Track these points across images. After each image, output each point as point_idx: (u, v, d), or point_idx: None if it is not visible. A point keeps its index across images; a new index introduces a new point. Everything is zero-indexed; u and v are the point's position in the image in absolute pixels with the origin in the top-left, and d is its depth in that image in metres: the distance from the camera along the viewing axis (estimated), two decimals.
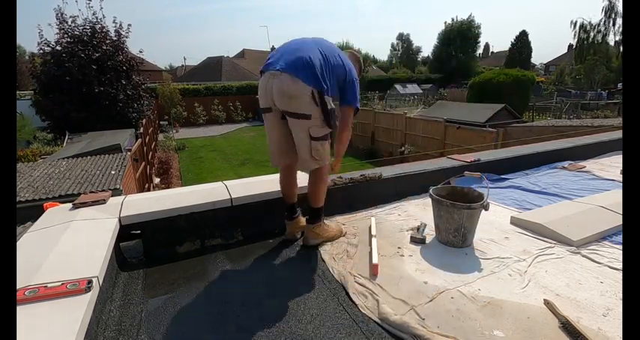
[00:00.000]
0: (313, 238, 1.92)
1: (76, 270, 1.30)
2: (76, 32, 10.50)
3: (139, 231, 1.88)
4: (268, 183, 2.18)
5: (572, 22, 27.50)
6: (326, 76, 1.65)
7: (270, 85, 1.65)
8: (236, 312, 1.41)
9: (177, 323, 1.35)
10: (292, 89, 1.60)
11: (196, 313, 1.41)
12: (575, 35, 27.80)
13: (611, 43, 27.25)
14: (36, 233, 1.65)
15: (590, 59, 25.47)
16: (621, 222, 1.80)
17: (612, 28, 26.02)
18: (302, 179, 2.03)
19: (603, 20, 26.43)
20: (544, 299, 1.40)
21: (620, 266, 1.62)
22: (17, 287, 1.16)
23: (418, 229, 2.03)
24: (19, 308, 1.07)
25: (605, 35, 26.60)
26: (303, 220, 2.01)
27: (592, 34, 27.04)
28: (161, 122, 18.86)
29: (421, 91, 28.28)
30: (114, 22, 11.28)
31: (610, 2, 25.80)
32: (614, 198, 2.25)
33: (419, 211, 2.34)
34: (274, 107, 1.71)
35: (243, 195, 2.04)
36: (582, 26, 27.25)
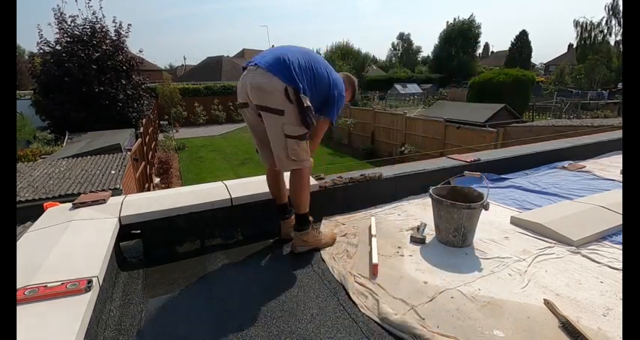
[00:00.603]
0: (301, 245, 1.86)
1: (75, 270, 1.30)
2: (75, 32, 10.50)
3: (138, 231, 1.88)
4: None
5: (575, 21, 27.50)
6: (303, 78, 1.65)
7: (245, 79, 1.68)
8: (236, 312, 1.41)
9: (177, 323, 1.35)
10: (264, 83, 1.61)
11: (196, 313, 1.41)
12: (577, 35, 27.82)
13: (612, 43, 27.25)
14: (36, 233, 1.65)
15: (591, 59, 25.47)
16: (621, 222, 1.81)
17: (615, 27, 25.99)
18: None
19: (605, 19, 26.42)
20: (544, 299, 1.40)
21: (619, 266, 1.63)
22: (17, 287, 1.16)
23: (418, 229, 2.03)
24: (19, 308, 1.07)
25: (606, 35, 26.61)
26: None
27: (594, 34, 27.05)
28: (161, 122, 18.87)
29: (421, 91, 28.28)
30: (114, 21, 11.30)
31: (614, 0, 25.76)
32: (614, 197, 2.25)
33: (419, 211, 2.34)
34: (250, 103, 1.71)
35: (243, 195, 2.04)
36: (584, 26, 27.25)
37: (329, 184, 2.31)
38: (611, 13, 26.06)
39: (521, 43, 43.20)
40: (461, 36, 39.47)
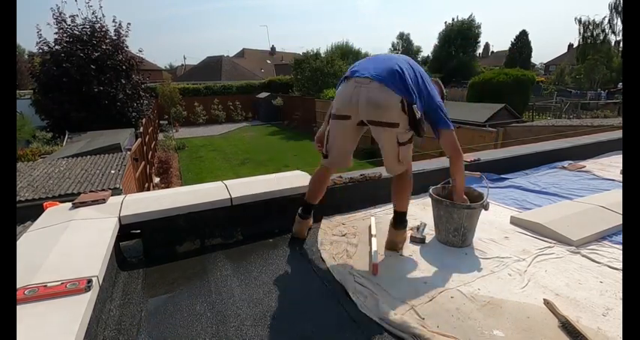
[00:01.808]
0: (401, 242, 1.87)
1: (75, 270, 1.30)
2: (75, 32, 10.49)
3: (138, 231, 1.88)
4: (268, 183, 2.18)
5: (576, 19, 27.39)
6: (414, 89, 1.61)
7: (357, 93, 1.60)
8: (235, 312, 1.41)
9: (177, 323, 1.35)
10: (383, 98, 1.56)
11: (196, 312, 1.41)
12: (579, 33, 27.70)
13: (613, 43, 27.19)
14: (35, 232, 1.64)
15: (591, 59, 25.45)
16: (621, 222, 1.81)
17: (618, 26, 25.87)
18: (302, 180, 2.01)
19: (608, 18, 26.32)
20: (544, 299, 1.40)
21: (619, 265, 1.63)
22: (17, 287, 1.16)
23: (418, 229, 2.03)
24: (18, 308, 1.07)
25: (608, 34, 26.53)
26: (311, 221, 2.07)
27: (595, 33, 26.97)
28: (161, 121, 18.86)
29: None
30: (114, 21, 11.30)
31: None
32: (614, 197, 2.25)
33: (419, 211, 2.34)
34: (355, 116, 1.67)
35: (243, 195, 2.04)
36: (586, 24, 27.15)
37: (329, 184, 2.30)
38: (614, 11, 25.96)
39: (521, 42, 43.12)
40: (460, 36, 39.42)
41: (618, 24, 25.91)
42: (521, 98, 16.91)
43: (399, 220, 1.85)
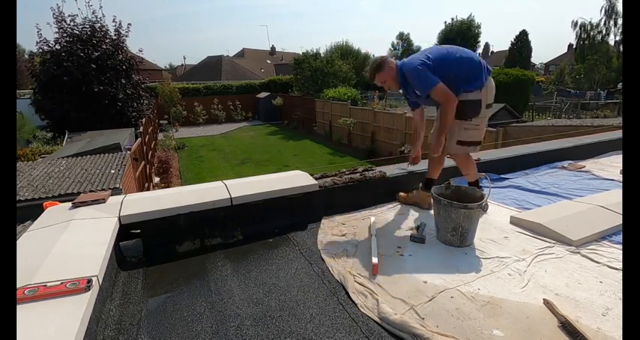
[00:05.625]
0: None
1: (75, 269, 1.30)
2: (75, 31, 10.50)
3: (138, 231, 1.88)
4: (268, 183, 2.18)
5: (573, 21, 27.44)
6: None
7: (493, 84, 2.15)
8: (235, 311, 1.41)
9: (177, 323, 1.35)
10: None
11: (196, 312, 1.41)
12: (576, 35, 27.74)
13: (611, 43, 27.20)
14: (35, 232, 1.65)
15: (591, 59, 25.45)
16: (621, 222, 1.81)
17: (613, 28, 25.93)
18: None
19: (603, 20, 26.36)
20: (543, 299, 1.40)
21: (619, 265, 1.63)
22: (17, 287, 1.16)
23: (418, 228, 2.03)
24: (18, 308, 1.07)
25: (605, 35, 26.55)
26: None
27: (592, 34, 26.98)
28: (161, 121, 18.86)
29: None
30: (114, 21, 11.31)
31: (610, 2, 25.73)
32: (614, 197, 2.25)
33: (419, 211, 2.34)
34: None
35: (242, 195, 2.04)
36: (583, 26, 27.18)
37: (329, 184, 2.31)
38: (607, 14, 26.02)
39: (521, 42, 43.04)
40: (460, 36, 39.42)
41: (612, 26, 25.93)
42: (521, 98, 16.91)
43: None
